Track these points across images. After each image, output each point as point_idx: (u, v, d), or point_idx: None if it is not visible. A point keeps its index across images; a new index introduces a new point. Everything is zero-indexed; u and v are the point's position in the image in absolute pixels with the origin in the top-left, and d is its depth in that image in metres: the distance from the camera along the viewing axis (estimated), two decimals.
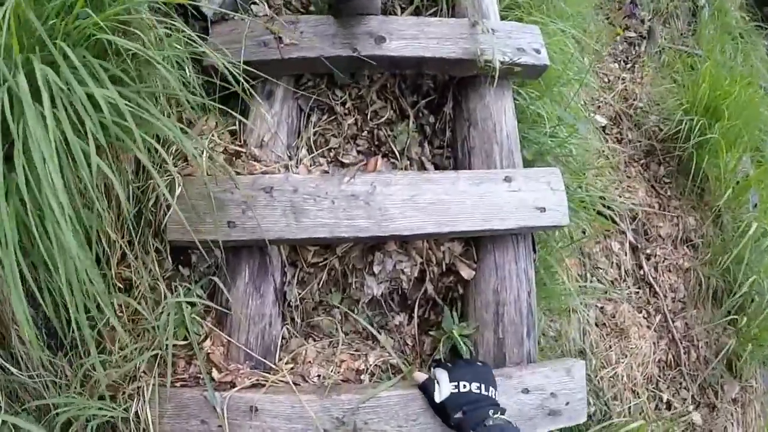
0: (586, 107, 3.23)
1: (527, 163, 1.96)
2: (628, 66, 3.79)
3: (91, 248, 1.22)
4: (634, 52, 3.91)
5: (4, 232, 1.01)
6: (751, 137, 3.34)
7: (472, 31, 1.82)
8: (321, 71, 1.80)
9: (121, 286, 1.50)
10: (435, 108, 1.93)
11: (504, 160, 1.78)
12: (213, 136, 1.69)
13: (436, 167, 1.88)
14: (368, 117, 1.86)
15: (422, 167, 1.86)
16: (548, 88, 2.12)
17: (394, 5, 1.98)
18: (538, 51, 1.87)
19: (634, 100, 3.57)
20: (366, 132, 1.86)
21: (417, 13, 1.99)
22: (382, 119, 1.86)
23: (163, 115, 1.32)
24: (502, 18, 2.14)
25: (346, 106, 1.85)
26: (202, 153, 1.53)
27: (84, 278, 1.09)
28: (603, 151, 3.16)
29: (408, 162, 1.85)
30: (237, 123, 1.73)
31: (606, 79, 3.60)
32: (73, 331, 1.25)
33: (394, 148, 1.84)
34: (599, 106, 3.38)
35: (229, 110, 1.64)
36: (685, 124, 3.26)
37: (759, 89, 3.72)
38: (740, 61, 4.27)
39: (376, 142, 1.86)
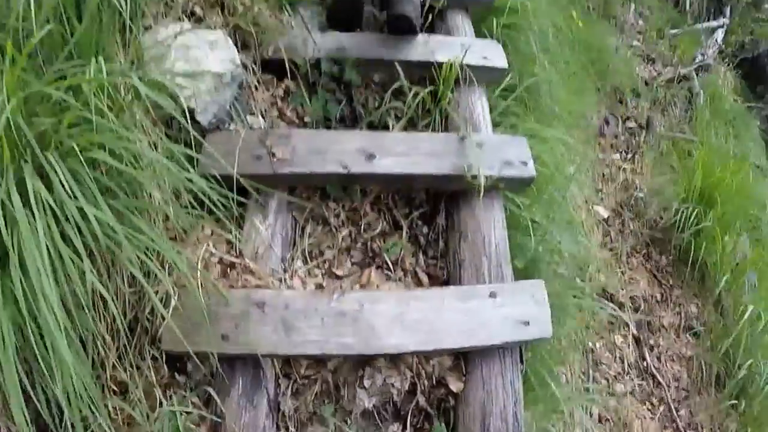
0: (589, 200, 3.29)
1: (518, 272, 2.00)
2: (629, 156, 3.88)
3: (86, 349, 1.26)
4: (634, 142, 4.01)
5: (3, 338, 1.06)
6: (746, 220, 3.40)
7: (461, 146, 1.91)
8: (314, 184, 1.88)
9: (116, 389, 1.52)
10: (428, 219, 2.00)
11: (492, 272, 1.82)
12: (209, 245, 1.75)
13: (430, 277, 1.92)
14: (362, 229, 1.93)
15: (416, 278, 1.90)
16: (540, 193, 2.18)
17: (389, 115, 2.08)
18: (525, 163, 1.95)
19: (634, 190, 3.63)
20: (360, 244, 1.92)
21: (412, 123, 2.09)
22: (376, 231, 1.92)
23: (157, 224, 1.38)
24: (497, 124, 2.24)
25: (340, 218, 1.92)
26: (197, 264, 1.58)
27: (79, 386, 1.13)
28: (605, 244, 3.19)
29: (402, 273, 1.90)
30: (232, 233, 1.79)
31: (608, 171, 3.68)
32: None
33: (388, 260, 1.89)
34: (602, 198, 3.44)
35: (225, 220, 1.70)
36: (682, 212, 3.32)
37: (752, 170, 3.82)
38: (733, 143, 4.38)
39: (370, 254, 1.91)
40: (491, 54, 2.24)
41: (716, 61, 5.57)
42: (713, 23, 6.15)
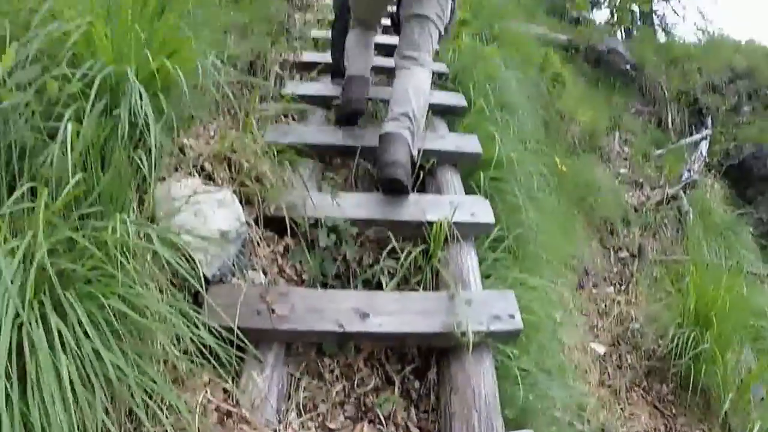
0: (584, 339, 3.35)
1: (510, 422, 2.03)
2: (622, 288, 3.98)
3: None
4: (627, 272, 4.13)
5: None
6: (746, 333, 3.40)
7: (450, 304, 2.01)
8: (311, 341, 1.98)
9: None
10: (420, 373, 2.06)
11: (483, 425, 1.85)
12: (206, 392, 1.81)
13: (422, 431, 1.96)
14: (355, 384, 1.99)
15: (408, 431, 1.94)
16: (529, 342, 2.26)
17: (383, 273, 2.21)
18: (512, 316, 2.05)
19: (630, 322, 3.69)
20: (353, 398, 1.98)
21: (405, 280, 2.22)
22: (369, 387, 1.99)
23: (159, 368, 1.47)
24: (487, 276, 2.36)
25: (335, 374, 1.99)
26: (196, 409, 1.64)
27: None
28: (603, 382, 3.21)
29: (394, 428, 1.93)
30: (230, 380, 1.86)
31: (603, 305, 3.77)
32: None
33: (381, 414, 1.94)
34: (597, 335, 3.50)
35: (223, 369, 1.78)
36: (679, 338, 3.35)
37: (747, 279, 3.87)
38: (726, 255, 4.47)
39: (363, 408, 1.96)
40: (479, 210, 2.42)
41: (702, 174, 5.79)
42: (696, 136, 6.46)
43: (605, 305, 3.83)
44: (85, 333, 1.30)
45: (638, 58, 7.03)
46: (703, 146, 6.25)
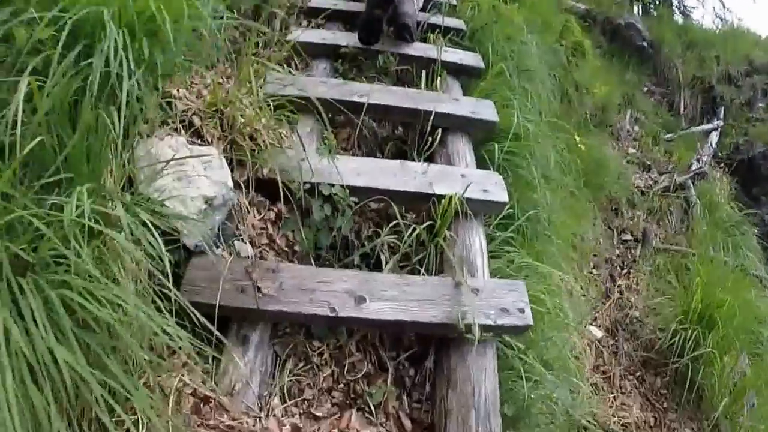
0: (583, 319, 3.20)
1: (507, 420, 1.88)
2: (624, 272, 3.82)
3: None
4: (629, 257, 3.97)
5: None
6: (746, 338, 3.31)
7: (455, 292, 1.83)
8: (299, 322, 1.79)
9: None
10: (416, 360, 1.90)
11: (480, 426, 1.70)
12: (183, 375, 1.64)
13: (413, 422, 1.81)
14: (345, 369, 1.82)
15: (399, 422, 1.78)
16: (534, 333, 2.09)
17: (383, 250, 2.02)
18: (522, 310, 1.87)
19: (629, 308, 3.56)
20: (342, 384, 1.81)
21: (406, 256, 2.02)
22: (360, 373, 1.82)
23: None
24: (495, 256, 2.18)
25: (324, 357, 1.82)
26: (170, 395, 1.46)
27: None
28: (598, 367, 3.08)
29: (384, 417, 1.78)
30: (210, 361, 1.69)
31: (603, 288, 3.62)
32: None
33: (371, 403, 1.78)
34: (596, 318, 3.36)
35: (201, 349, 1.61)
36: (680, 336, 3.22)
37: (752, 285, 3.75)
38: (732, 254, 4.33)
39: (352, 395, 1.80)
40: (492, 186, 2.21)
41: (711, 166, 5.62)
42: (708, 126, 6.26)
43: (606, 288, 3.69)
44: (45, 329, 1.10)
45: (655, 36, 6.70)
46: (714, 137, 6.04)
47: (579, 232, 3.30)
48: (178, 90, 1.92)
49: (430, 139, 2.42)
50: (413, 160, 2.42)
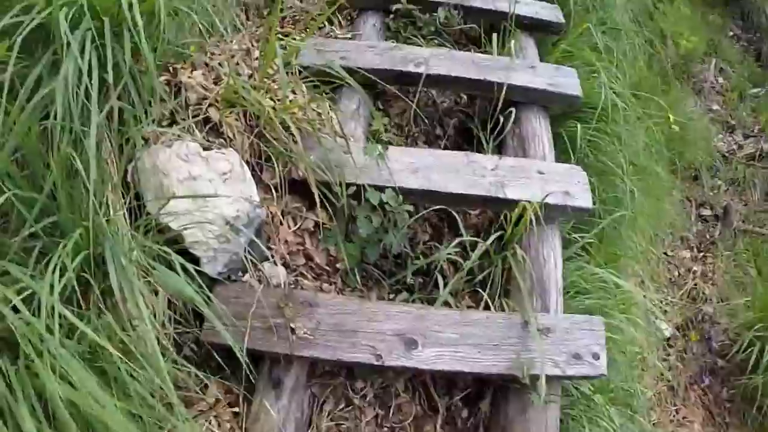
0: (651, 311, 2.84)
1: None
2: (700, 255, 3.40)
3: None
4: (707, 236, 3.53)
5: None
6: None
7: (522, 333, 1.51)
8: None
9: None
10: (471, 401, 1.61)
11: None
12: (211, 417, 1.42)
13: None
14: (391, 411, 1.56)
15: None
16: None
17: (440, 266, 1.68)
18: (596, 356, 1.54)
19: (703, 303, 3.16)
20: (386, 428, 1.55)
21: (470, 273, 1.68)
22: (409, 417, 1.55)
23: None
24: (567, 259, 1.84)
25: (367, 399, 1.55)
26: None
27: None
28: (662, 374, 2.76)
29: None
30: (240, 402, 1.45)
31: (676, 272, 3.21)
32: None
33: None
34: (665, 311, 2.98)
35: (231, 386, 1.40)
36: (756, 350, 2.81)
37: None
38: None
39: None
40: (575, 188, 1.81)
41: None
42: None
43: (678, 273, 3.29)
44: None
45: None
46: None
47: (664, 228, 2.86)
48: (188, 75, 1.56)
49: (501, 118, 2.03)
50: (480, 140, 2.05)
